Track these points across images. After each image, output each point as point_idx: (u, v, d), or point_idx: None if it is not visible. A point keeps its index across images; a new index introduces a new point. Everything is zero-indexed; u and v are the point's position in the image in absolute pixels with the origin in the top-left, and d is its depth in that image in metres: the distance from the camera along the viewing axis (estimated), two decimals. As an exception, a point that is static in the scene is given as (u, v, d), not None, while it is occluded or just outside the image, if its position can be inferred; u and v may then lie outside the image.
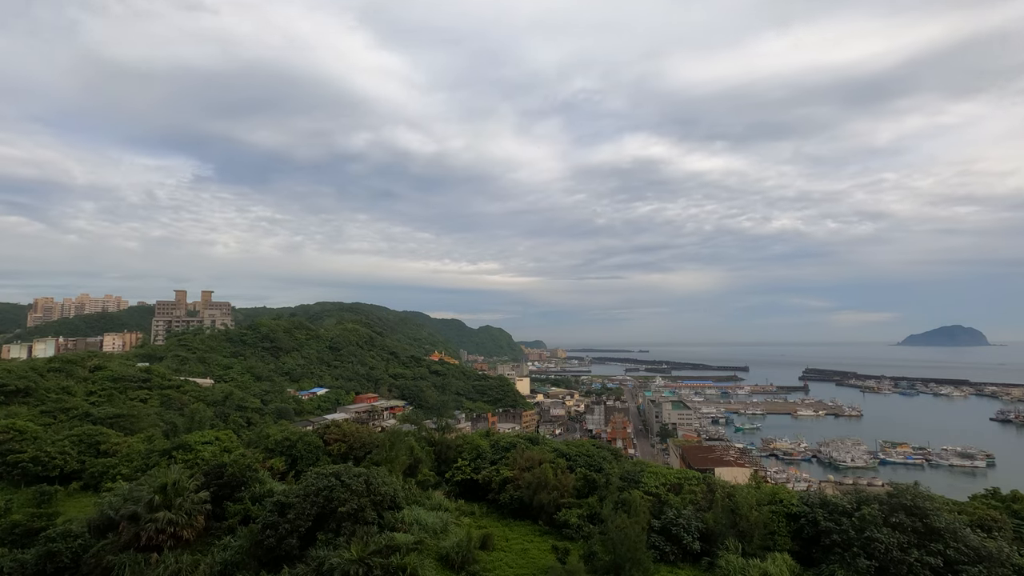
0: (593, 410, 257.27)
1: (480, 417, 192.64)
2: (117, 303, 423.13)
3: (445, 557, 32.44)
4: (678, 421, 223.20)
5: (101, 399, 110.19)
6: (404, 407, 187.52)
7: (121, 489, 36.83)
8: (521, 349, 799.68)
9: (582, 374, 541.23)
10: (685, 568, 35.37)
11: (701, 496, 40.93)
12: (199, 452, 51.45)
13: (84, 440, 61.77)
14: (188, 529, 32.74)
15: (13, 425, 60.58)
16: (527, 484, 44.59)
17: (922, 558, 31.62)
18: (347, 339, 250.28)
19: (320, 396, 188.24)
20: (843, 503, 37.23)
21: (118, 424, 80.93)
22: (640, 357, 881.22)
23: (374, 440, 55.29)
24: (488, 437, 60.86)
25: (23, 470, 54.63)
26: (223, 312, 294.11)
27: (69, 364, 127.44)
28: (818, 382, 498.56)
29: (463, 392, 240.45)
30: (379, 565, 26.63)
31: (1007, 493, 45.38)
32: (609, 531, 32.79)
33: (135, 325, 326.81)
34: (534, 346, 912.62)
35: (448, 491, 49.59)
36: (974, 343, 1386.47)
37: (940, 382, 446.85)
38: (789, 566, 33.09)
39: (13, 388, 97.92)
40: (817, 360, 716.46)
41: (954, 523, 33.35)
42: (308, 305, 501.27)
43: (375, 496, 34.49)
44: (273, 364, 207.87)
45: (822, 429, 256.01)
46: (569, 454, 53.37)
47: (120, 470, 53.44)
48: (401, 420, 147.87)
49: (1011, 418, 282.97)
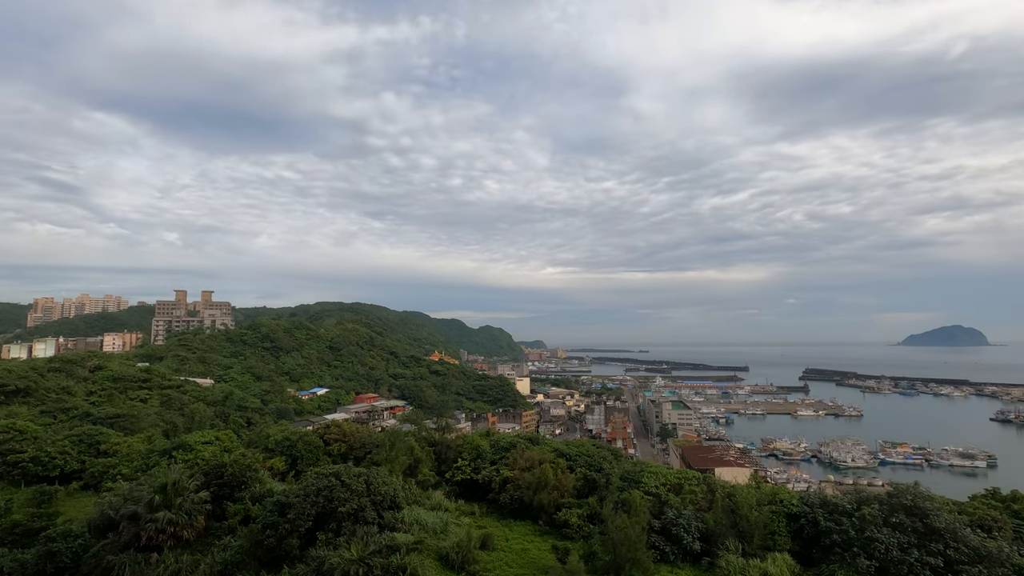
0: (593, 410, 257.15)
1: (480, 417, 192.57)
2: (117, 303, 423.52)
3: (445, 557, 32.43)
4: (678, 421, 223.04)
5: (101, 399, 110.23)
6: (404, 407, 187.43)
7: (121, 489, 36.89)
8: (521, 349, 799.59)
9: (582, 374, 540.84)
10: (685, 568, 35.37)
11: (701, 496, 40.94)
12: (199, 452, 51.42)
13: (84, 440, 61.75)
14: (188, 529, 32.78)
15: (13, 425, 60.62)
16: (527, 484, 44.56)
17: (922, 558, 31.64)
18: (347, 339, 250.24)
19: (320, 396, 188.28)
20: (843, 503, 37.26)
21: (118, 424, 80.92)
22: (640, 357, 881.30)
23: (374, 440, 55.32)
24: (488, 437, 60.81)
25: (23, 470, 54.65)
26: (223, 312, 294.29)
27: (69, 364, 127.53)
28: (818, 382, 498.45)
29: (463, 392, 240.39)
30: (379, 565, 26.65)
31: (1007, 493, 45.39)
32: (609, 531, 32.81)
33: (135, 325, 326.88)
34: (534, 346, 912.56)
35: (448, 491, 49.53)
36: (974, 343, 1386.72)
37: (940, 382, 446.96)
38: (789, 566, 33.11)
39: (13, 388, 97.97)
40: (817, 360, 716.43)
41: (954, 523, 33.36)
42: (308, 305, 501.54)
43: (375, 496, 34.49)
44: (273, 364, 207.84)
45: (822, 429, 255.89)
46: (569, 454, 53.36)
47: (120, 470, 53.44)
48: (401, 420, 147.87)
49: (1011, 418, 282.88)
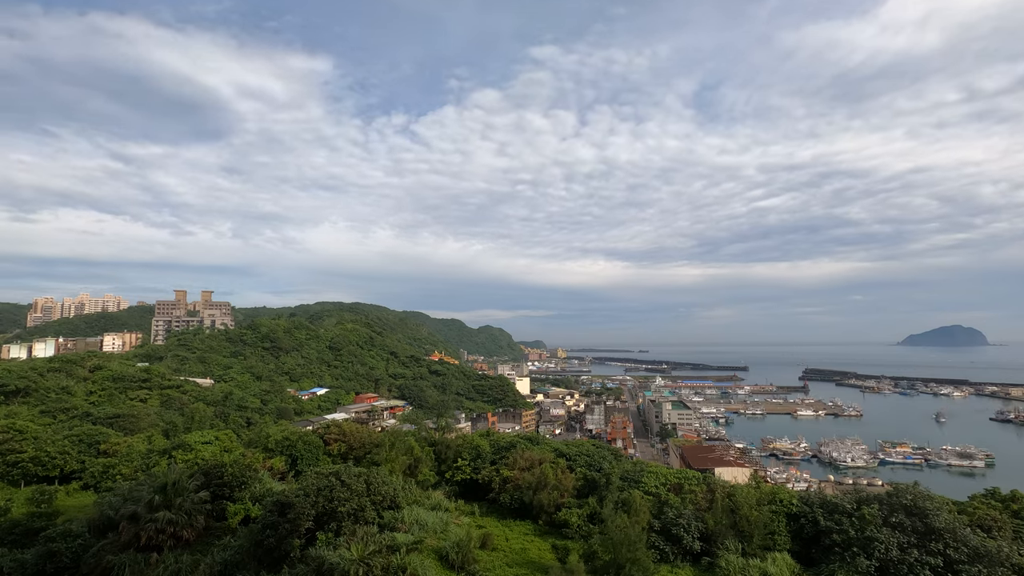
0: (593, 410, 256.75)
1: (480, 417, 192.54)
2: (117, 303, 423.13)
3: (445, 557, 32.46)
4: (678, 421, 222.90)
5: (101, 399, 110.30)
6: (404, 407, 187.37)
7: (121, 489, 36.88)
8: (521, 349, 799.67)
9: (582, 374, 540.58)
10: (685, 568, 35.40)
11: (701, 496, 40.95)
12: (199, 452, 51.48)
13: (84, 440, 61.81)
14: (188, 529, 32.81)
15: (13, 425, 60.55)
16: (527, 484, 44.58)
17: (922, 558, 31.66)
18: (347, 339, 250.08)
19: (320, 396, 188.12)
20: (843, 503, 37.27)
21: (118, 424, 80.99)
22: (640, 357, 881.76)
23: (374, 440, 55.32)
24: (488, 437, 60.83)
25: (23, 470, 54.66)
26: (223, 312, 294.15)
27: (69, 364, 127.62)
28: (818, 382, 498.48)
29: (463, 392, 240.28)
30: (379, 565, 26.66)
31: (1007, 493, 45.40)
32: (609, 531, 32.82)
33: (135, 325, 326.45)
34: (534, 346, 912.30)
35: (448, 491, 49.55)
36: (974, 343, 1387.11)
37: (940, 382, 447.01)
38: (789, 566, 33.14)
39: (13, 388, 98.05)
40: (817, 360, 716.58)
41: (954, 523, 33.39)
42: (308, 305, 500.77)
43: (375, 496, 34.54)
44: (273, 364, 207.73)
45: (822, 429, 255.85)
46: (569, 454, 53.40)
47: (120, 470, 53.47)
48: (401, 420, 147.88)
49: (1011, 418, 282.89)
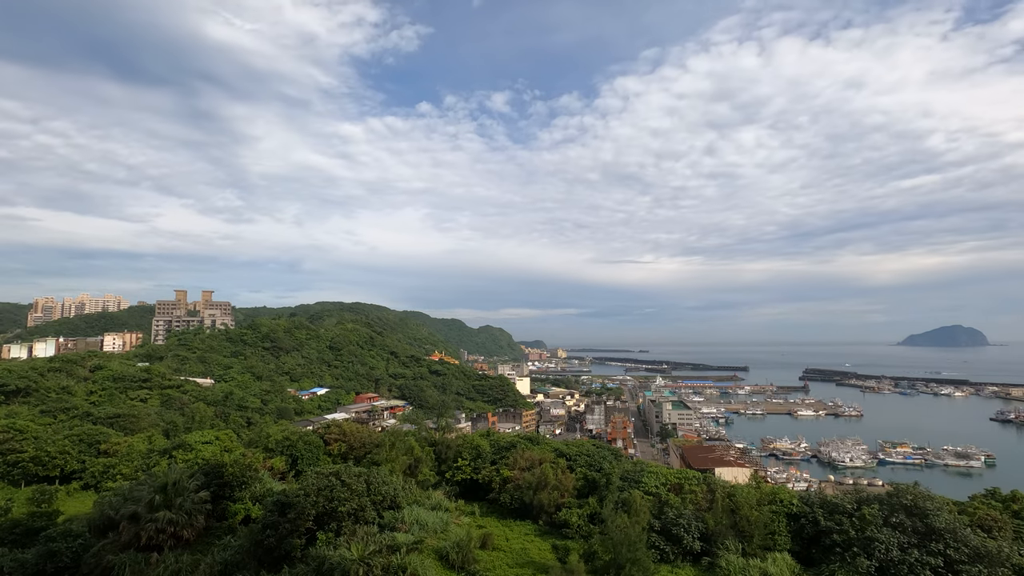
0: (593, 410, 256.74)
1: (480, 417, 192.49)
2: (117, 303, 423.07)
3: (445, 557, 32.47)
4: (678, 421, 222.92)
5: (101, 399, 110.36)
6: (404, 407, 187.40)
7: (121, 489, 36.90)
8: (521, 349, 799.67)
9: (582, 374, 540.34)
10: (685, 568, 35.38)
11: (701, 496, 40.93)
12: (199, 452, 51.48)
13: (84, 440, 61.83)
14: (188, 529, 32.82)
15: (13, 425, 60.60)
16: (527, 484, 44.58)
17: (922, 558, 31.63)
18: (347, 339, 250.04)
19: (320, 396, 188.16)
20: (843, 503, 37.25)
21: (118, 424, 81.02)
22: (640, 357, 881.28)
23: (374, 440, 55.35)
24: (488, 437, 60.81)
25: (23, 469, 54.70)
26: (223, 312, 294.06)
27: (69, 364, 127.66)
28: (818, 382, 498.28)
29: (463, 392, 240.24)
30: (380, 565, 26.67)
31: (1007, 493, 45.31)
32: (609, 531, 32.84)
33: (135, 325, 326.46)
34: (534, 346, 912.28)
35: (448, 491, 49.56)
36: (974, 343, 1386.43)
37: (940, 382, 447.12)
38: (789, 566, 33.13)
39: (13, 388, 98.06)
40: (817, 360, 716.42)
41: (954, 523, 33.35)
42: (308, 305, 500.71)
43: (375, 496, 34.55)
44: (273, 364, 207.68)
45: (822, 429, 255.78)
46: (569, 454, 53.37)
47: (120, 470, 53.54)
48: (401, 420, 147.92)
49: (1011, 418, 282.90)
